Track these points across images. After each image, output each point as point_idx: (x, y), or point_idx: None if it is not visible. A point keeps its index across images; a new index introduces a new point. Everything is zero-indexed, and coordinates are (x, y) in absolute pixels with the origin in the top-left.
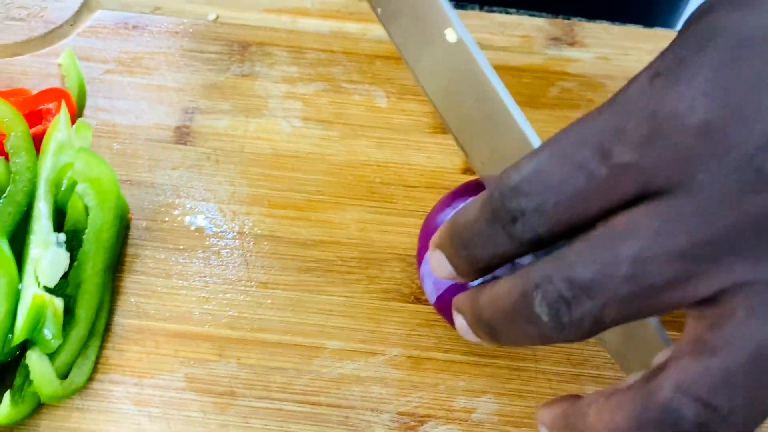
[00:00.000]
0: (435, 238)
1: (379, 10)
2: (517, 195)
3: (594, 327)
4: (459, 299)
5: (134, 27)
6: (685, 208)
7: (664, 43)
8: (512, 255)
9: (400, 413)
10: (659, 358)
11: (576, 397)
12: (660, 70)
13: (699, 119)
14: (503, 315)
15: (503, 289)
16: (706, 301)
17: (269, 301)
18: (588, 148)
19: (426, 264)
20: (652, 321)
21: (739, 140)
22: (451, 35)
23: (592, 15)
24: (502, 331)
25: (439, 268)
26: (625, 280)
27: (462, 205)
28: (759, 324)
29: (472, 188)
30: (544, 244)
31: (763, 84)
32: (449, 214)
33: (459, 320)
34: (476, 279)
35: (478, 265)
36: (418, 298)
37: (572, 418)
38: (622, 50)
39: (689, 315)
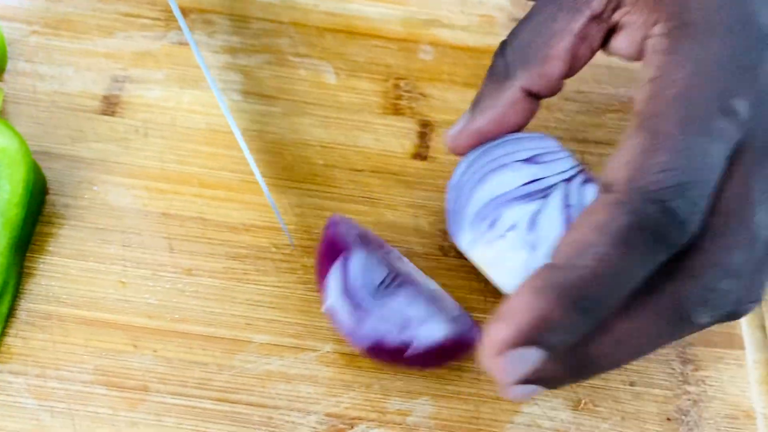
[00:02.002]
0: (521, 327)
1: None
2: (678, 194)
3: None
4: (547, 366)
5: None
6: None
7: None
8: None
9: (328, 414)
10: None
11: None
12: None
13: None
14: (639, 348)
15: (640, 326)
16: None
17: (192, 289)
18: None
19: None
20: None
21: None
22: None
23: None
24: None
25: (521, 368)
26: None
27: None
28: None
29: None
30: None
31: None
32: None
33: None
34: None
35: (604, 312)
36: None
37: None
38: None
39: None
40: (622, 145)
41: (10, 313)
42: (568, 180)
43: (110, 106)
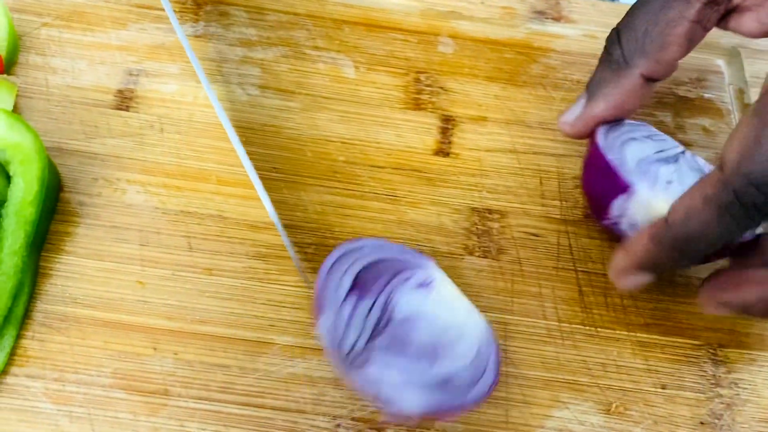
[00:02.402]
0: (634, 259)
1: None
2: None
3: None
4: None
5: None
6: None
7: None
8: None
9: (354, 419)
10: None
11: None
12: None
13: None
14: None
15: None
16: None
17: (213, 290)
18: None
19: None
20: None
21: None
22: None
23: None
24: None
25: (634, 284)
26: None
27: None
28: None
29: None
30: None
31: None
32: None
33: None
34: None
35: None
36: None
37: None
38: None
39: None
40: (738, 127)
41: (26, 314)
42: (683, 152)
43: (124, 100)
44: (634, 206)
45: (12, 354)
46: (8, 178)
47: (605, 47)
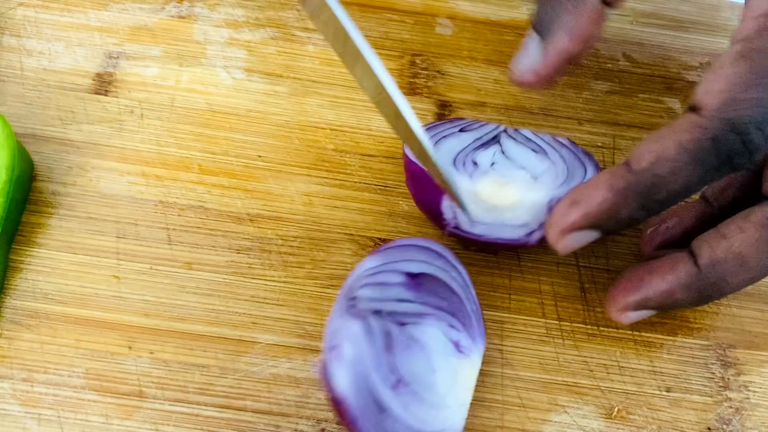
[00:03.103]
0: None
1: None
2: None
3: None
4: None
5: None
6: None
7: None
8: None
9: (340, 424)
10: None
11: None
12: None
13: None
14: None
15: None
16: None
17: (193, 285)
18: None
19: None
20: None
21: None
22: None
23: None
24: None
25: (578, 244)
26: None
27: None
28: None
29: None
30: None
31: None
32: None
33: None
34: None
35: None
36: None
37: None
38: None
39: None
40: (719, 69)
41: None
42: (504, 129)
43: (103, 84)
44: (463, 197)
45: None
46: None
47: None
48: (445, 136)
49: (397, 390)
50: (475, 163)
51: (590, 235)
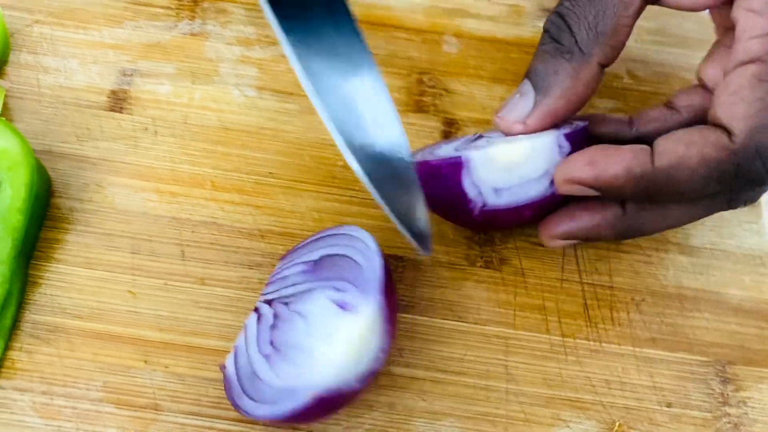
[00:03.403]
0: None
1: None
2: None
3: None
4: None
5: None
6: None
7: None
8: None
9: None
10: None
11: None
12: None
13: None
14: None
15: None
16: None
17: (206, 300)
18: None
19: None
20: None
21: None
22: None
23: None
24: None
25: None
26: None
27: None
28: None
29: None
30: None
31: None
32: None
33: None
34: None
35: None
36: None
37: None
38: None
39: None
40: (737, 91)
41: (14, 324)
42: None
43: (118, 101)
44: (481, 168)
45: None
46: None
47: (548, 35)
48: (437, 147)
49: (270, 359)
50: (476, 147)
51: (589, 192)
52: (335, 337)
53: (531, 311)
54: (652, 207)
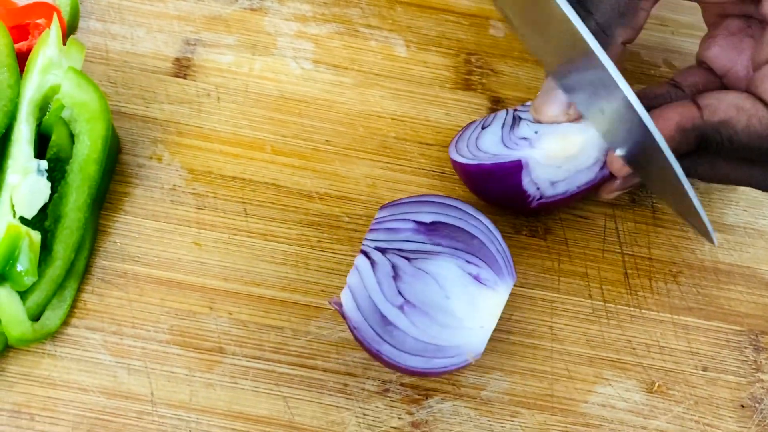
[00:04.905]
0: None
1: None
2: None
3: None
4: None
5: None
6: None
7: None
8: None
9: (403, 384)
10: None
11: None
12: None
13: None
14: None
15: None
16: None
17: (267, 254)
18: None
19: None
20: None
21: None
22: None
23: None
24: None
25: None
26: None
27: None
28: None
29: None
30: None
31: None
32: None
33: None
34: None
35: None
36: None
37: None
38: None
39: None
40: None
41: (86, 269)
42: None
43: (182, 68)
44: (539, 167)
45: (72, 306)
46: (71, 136)
47: None
48: (477, 137)
49: (404, 310)
50: (524, 139)
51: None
52: (480, 307)
53: (574, 278)
54: (704, 157)
